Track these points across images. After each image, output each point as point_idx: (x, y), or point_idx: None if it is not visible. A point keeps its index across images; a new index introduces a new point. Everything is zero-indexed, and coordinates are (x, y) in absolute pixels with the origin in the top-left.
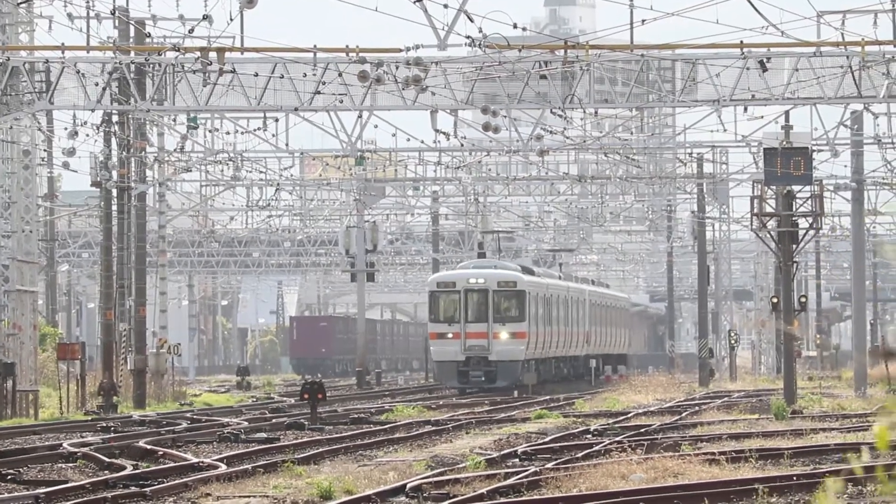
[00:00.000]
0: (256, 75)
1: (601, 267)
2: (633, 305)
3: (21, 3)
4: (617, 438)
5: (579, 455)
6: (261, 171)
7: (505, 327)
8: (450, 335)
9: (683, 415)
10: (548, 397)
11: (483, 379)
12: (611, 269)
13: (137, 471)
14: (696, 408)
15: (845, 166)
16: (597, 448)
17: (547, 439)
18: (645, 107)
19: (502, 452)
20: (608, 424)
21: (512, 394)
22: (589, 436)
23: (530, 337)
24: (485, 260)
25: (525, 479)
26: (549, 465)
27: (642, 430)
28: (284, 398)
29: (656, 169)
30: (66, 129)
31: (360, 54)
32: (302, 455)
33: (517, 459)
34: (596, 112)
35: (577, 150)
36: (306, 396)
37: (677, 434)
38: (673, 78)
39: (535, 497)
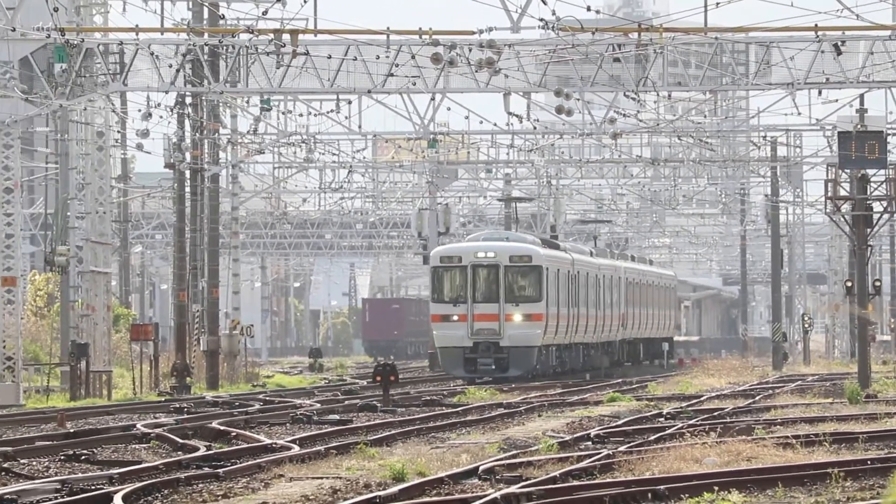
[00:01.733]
0: (330, 57)
1: (674, 250)
2: (704, 288)
3: None
4: (690, 422)
5: (652, 438)
6: (333, 154)
7: (518, 308)
8: (455, 317)
9: (757, 398)
10: (620, 380)
11: (493, 367)
12: (683, 252)
13: (210, 452)
14: (770, 391)
15: None
16: (669, 431)
17: (619, 422)
18: (719, 90)
19: (575, 435)
20: (681, 408)
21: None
22: (662, 419)
23: (548, 319)
24: (496, 231)
25: (598, 462)
26: (622, 449)
27: (715, 413)
28: (357, 380)
29: (730, 152)
30: (139, 110)
31: (434, 36)
32: (374, 437)
33: (590, 442)
34: (669, 95)
35: (651, 133)
36: (378, 378)
37: (750, 418)
38: (747, 61)
39: (608, 480)
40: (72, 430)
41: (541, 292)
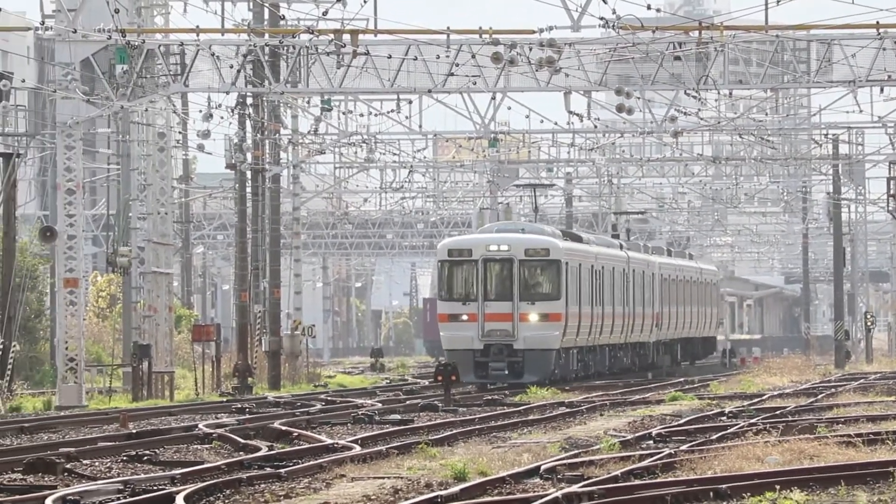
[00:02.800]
0: (390, 57)
1: (735, 249)
2: (766, 287)
3: None
4: (752, 420)
5: (714, 437)
6: (394, 153)
7: (534, 307)
8: (464, 317)
9: (819, 397)
10: (682, 379)
11: (506, 372)
12: (745, 250)
13: (272, 452)
14: (832, 390)
15: None
16: (731, 430)
17: (681, 421)
18: (780, 87)
19: (636, 434)
20: (743, 407)
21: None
22: (723, 418)
23: (568, 319)
24: (510, 222)
25: (659, 461)
26: (684, 448)
27: (777, 412)
28: (418, 380)
29: (791, 150)
30: (200, 111)
31: (494, 36)
32: (436, 436)
33: (651, 441)
34: (730, 93)
35: (712, 132)
36: (440, 378)
37: (813, 416)
38: (808, 58)
39: (670, 479)
40: (134, 431)
41: (559, 289)
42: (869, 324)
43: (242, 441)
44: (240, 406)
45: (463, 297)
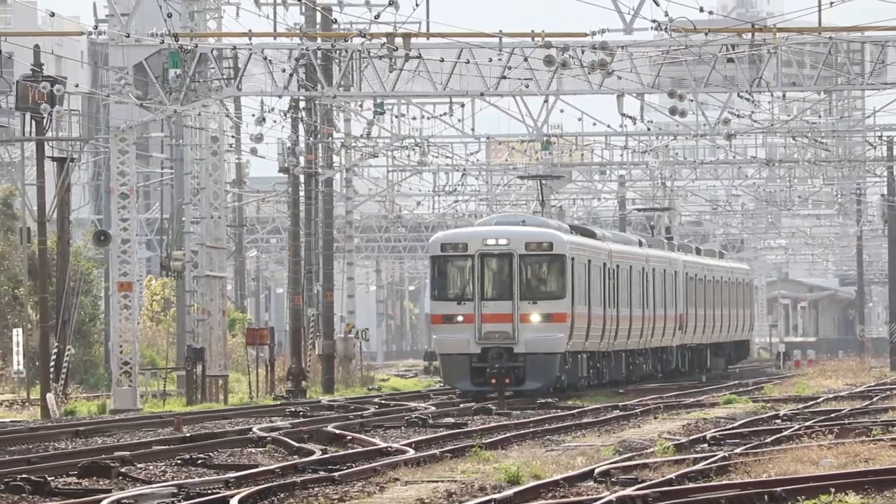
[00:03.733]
0: (442, 60)
1: (789, 251)
2: (820, 289)
3: None
4: (807, 423)
5: (768, 440)
6: (447, 156)
7: (537, 307)
8: (459, 318)
9: (874, 399)
10: (735, 382)
11: (507, 380)
12: (799, 253)
13: (326, 455)
14: (888, 392)
15: None
16: (786, 433)
17: (736, 424)
18: (833, 90)
19: (691, 437)
20: (798, 409)
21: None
22: (778, 421)
23: (575, 320)
24: (511, 214)
25: (714, 464)
26: (738, 450)
27: (832, 414)
28: None
29: (845, 152)
30: (253, 115)
31: (546, 39)
32: (489, 440)
33: (706, 444)
34: (784, 95)
35: (765, 134)
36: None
37: (868, 419)
38: (862, 60)
39: (724, 482)
40: (188, 434)
41: (564, 287)
42: None
43: (296, 444)
44: (293, 409)
45: (458, 297)
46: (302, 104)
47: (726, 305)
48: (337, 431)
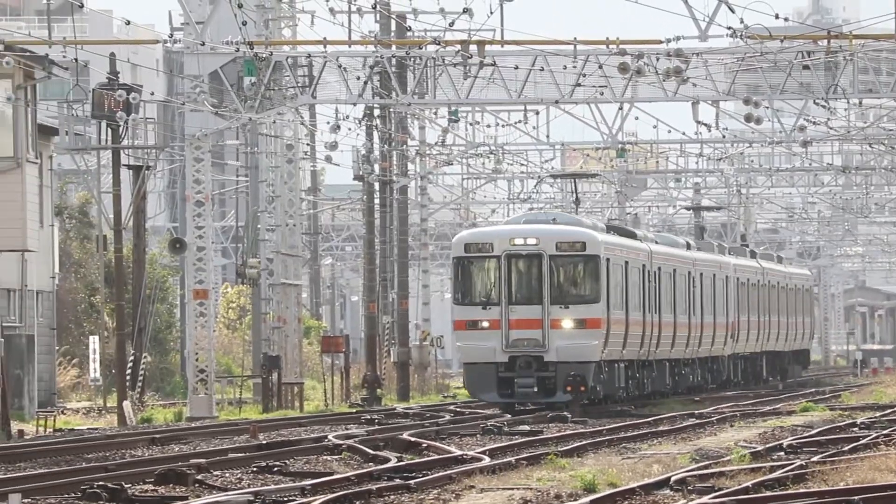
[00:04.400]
0: (517, 68)
1: (866, 258)
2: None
3: None
4: (884, 431)
5: (846, 448)
6: (522, 164)
7: (568, 311)
8: (485, 324)
9: None
10: (812, 390)
11: (535, 390)
12: (876, 260)
13: (401, 463)
14: None
15: None
16: (864, 441)
17: (812, 432)
18: None
19: (767, 445)
20: (875, 417)
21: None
22: (856, 429)
23: (611, 326)
24: (541, 212)
25: (790, 473)
26: (815, 459)
27: None
28: None
29: None
30: (328, 123)
31: (621, 46)
32: (565, 447)
33: (782, 452)
34: (860, 102)
35: (841, 141)
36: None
37: None
38: None
39: (801, 490)
40: (264, 442)
41: (599, 290)
42: None
43: (372, 452)
44: (369, 417)
45: (483, 301)
46: (376, 112)
47: (783, 312)
48: (412, 439)
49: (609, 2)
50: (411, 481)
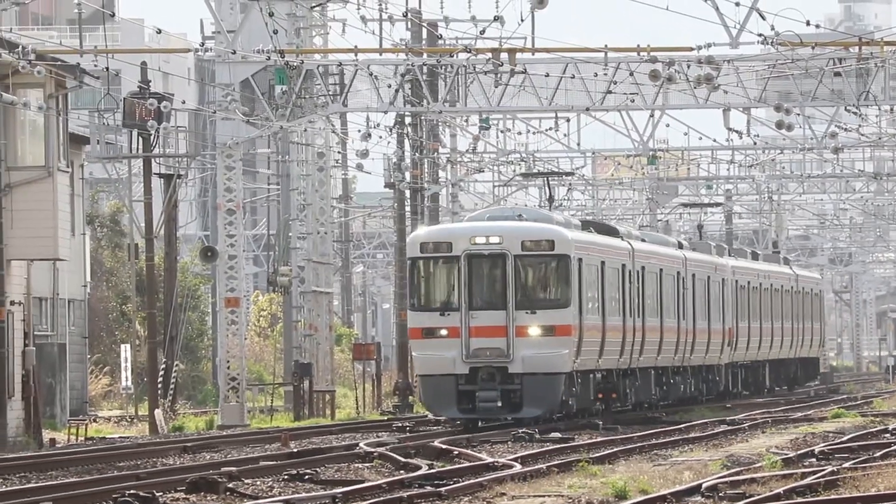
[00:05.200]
0: (547, 75)
1: None
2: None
3: (315, 6)
4: None
5: (877, 454)
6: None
7: (535, 317)
8: (443, 332)
9: None
10: (844, 396)
11: (499, 404)
12: None
13: (433, 470)
14: None
15: None
16: (895, 448)
17: (844, 439)
18: None
19: (799, 452)
20: None
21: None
22: (888, 435)
23: (584, 333)
24: (506, 207)
25: (822, 479)
26: (847, 465)
27: None
28: None
29: None
30: (359, 130)
31: (652, 53)
32: (596, 454)
33: (814, 459)
34: (892, 109)
35: (873, 148)
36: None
37: None
38: None
39: (833, 497)
40: (295, 450)
41: (569, 293)
42: None
43: (403, 460)
44: (400, 424)
45: (441, 307)
46: (408, 120)
47: (789, 318)
48: (444, 446)
49: (640, 9)
50: (442, 489)
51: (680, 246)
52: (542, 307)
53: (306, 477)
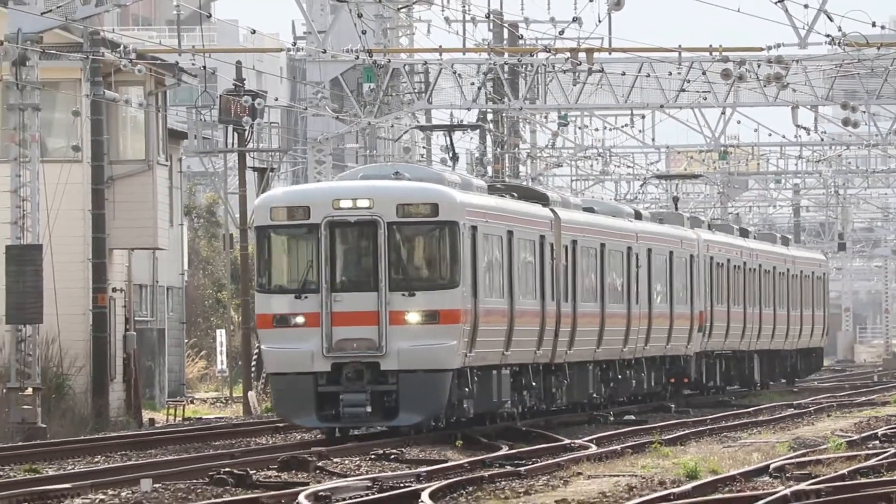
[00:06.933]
0: (624, 74)
1: None
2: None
3: (402, 8)
4: None
5: None
6: (628, 166)
7: (415, 300)
8: (299, 319)
9: None
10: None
11: (369, 410)
12: None
13: (512, 451)
14: None
15: None
16: None
17: None
18: None
19: (863, 434)
20: None
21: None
22: None
23: (479, 319)
24: (383, 165)
25: (885, 461)
26: None
27: None
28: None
29: None
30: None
31: (724, 53)
32: (668, 436)
33: (877, 441)
34: None
35: None
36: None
37: None
38: None
39: (895, 478)
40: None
41: (458, 270)
42: None
43: (485, 441)
44: None
45: (296, 288)
46: (489, 116)
47: (784, 304)
48: (523, 428)
49: (713, 11)
50: (521, 468)
51: (638, 216)
52: (422, 288)
53: (392, 456)
